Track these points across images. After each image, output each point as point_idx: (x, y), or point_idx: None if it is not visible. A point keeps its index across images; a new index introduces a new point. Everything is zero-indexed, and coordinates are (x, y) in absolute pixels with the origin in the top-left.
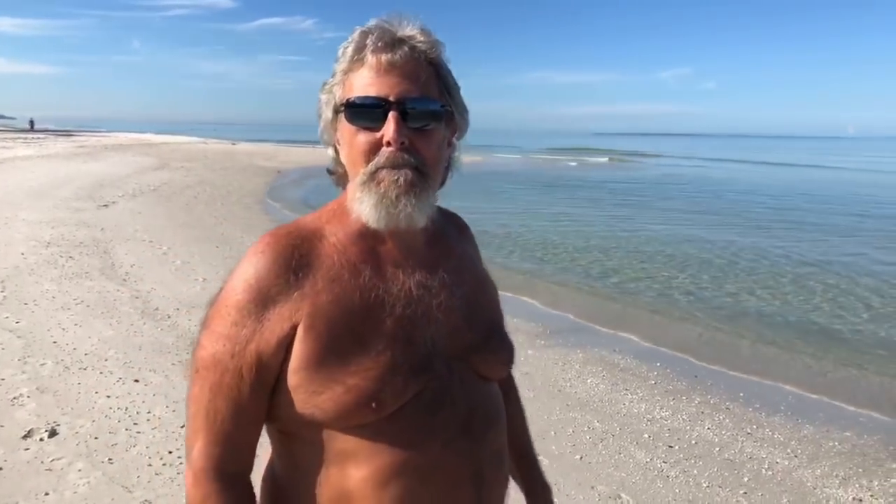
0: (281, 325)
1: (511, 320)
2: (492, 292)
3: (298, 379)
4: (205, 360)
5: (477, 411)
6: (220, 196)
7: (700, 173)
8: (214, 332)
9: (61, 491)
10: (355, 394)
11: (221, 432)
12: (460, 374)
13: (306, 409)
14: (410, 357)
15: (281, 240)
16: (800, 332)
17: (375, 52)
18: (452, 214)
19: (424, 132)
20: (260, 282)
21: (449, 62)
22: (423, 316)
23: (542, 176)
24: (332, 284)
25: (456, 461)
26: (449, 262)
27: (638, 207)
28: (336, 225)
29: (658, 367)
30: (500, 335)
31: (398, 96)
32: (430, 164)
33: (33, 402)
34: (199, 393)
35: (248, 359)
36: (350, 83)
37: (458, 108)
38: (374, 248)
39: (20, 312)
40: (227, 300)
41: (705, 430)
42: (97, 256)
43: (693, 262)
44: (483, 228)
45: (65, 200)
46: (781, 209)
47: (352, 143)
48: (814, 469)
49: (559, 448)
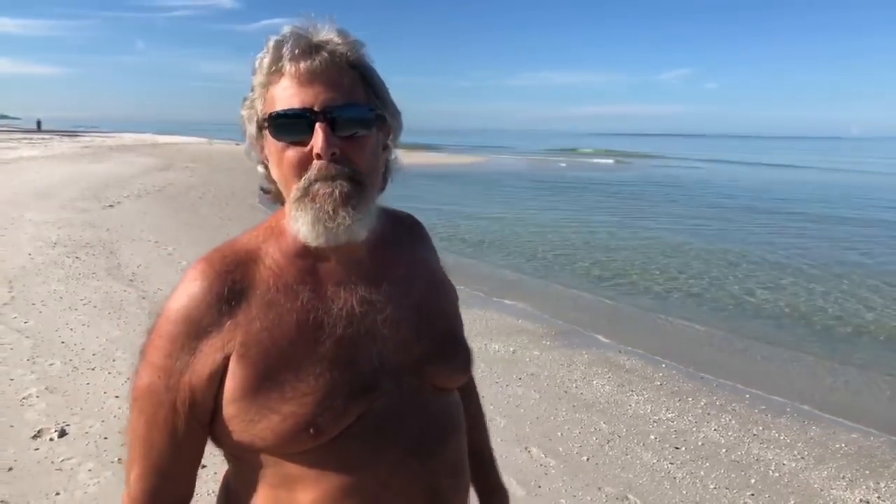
0: (213, 356)
1: (516, 321)
2: (448, 296)
3: (234, 409)
4: (141, 391)
5: (431, 426)
6: (225, 196)
7: (702, 175)
8: (149, 364)
9: (72, 490)
10: (292, 421)
11: (158, 463)
12: (412, 389)
13: (244, 437)
14: (351, 378)
15: (214, 265)
16: (805, 332)
17: (293, 60)
18: (402, 215)
19: (355, 140)
20: (191, 312)
21: (373, 62)
22: (367, 333)
23: (545, 177)
24: (267, 310)
25: (408, 479)
26: (396, 271)
27: (640, 209)
28: (273, 245)
29: (664, 368)
30: (455, 342)
31: (323, 105)
32: (366, 173)
33: (43, 402)
34: (135, 423)
35: (182, 392)
36: (271, 96)
37: (389, 109)
38: (314, 266)
39: (28, 313)
40: (161, 330)
41: (712, 431)
42: (103, 257)
43: (698, 263)
44: (483, 229)
45: (70, 201)
46: (787, 212)
47: (280, 160)
48: (821, 471)
49: (566, 449)
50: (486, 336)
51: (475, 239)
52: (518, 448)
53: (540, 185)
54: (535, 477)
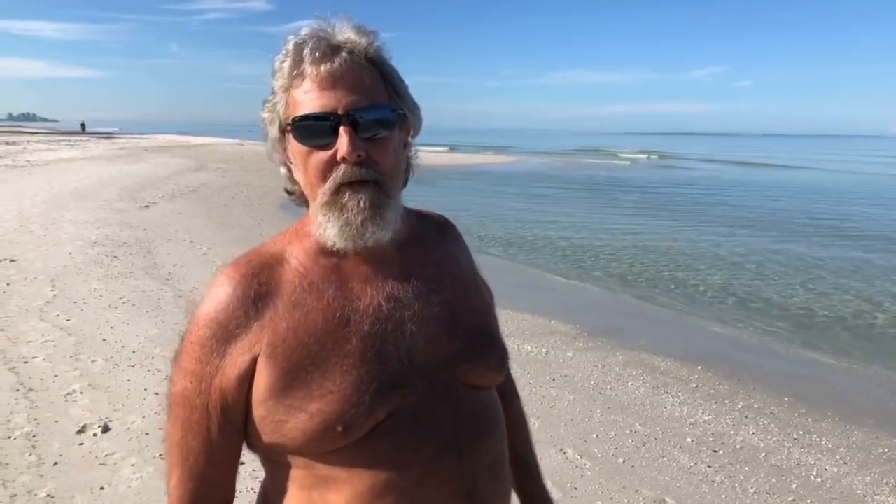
0: (241, 358)
1: (548, 322)
2: (481, 295)
3: (263, 410)
4: (175, 397)
5: (466, 424)
6: (257, 197)
7: (739, 176)
8: (182, 369)
9: (115, 485)
10: (320, 419)
11: (195, 469)
12: (444, 386)
13: (274, 438)
14: (380, 375)
15: (240, 270)
16: (847, 337)
17: (314, 63)
18: (432, 215)
19: (379, 141)
20: (219, 316)
21: (391, 58)
22: (395, 330)
23: (577, 177)
24: (293, 310)
25: (443, 478)
26: (425, 268)
27: (673, 210)
28: (297, 246)
29: (699, 370)
30: (490, 340)
31: (346, 108)
32: (390, 174)
33: (86, 398)
34: (171, 429)
35: (214, 396)
36: (293, 100)
37: (409, 106)
38: (339, 264)
39: (70, 311)
40: (192, 336)
41: (750, 434)
42: (140, 256)
43: (735, 265)
44: (514, 229)
45: (108, 201)
46: (830, 216)
47: (306, 165)
48: (864, 476)
49: (602, 451)
50: (519, 337)
51: (507, 239)
52: (553, 449)
53: (571, 186)
54: (571, 479)
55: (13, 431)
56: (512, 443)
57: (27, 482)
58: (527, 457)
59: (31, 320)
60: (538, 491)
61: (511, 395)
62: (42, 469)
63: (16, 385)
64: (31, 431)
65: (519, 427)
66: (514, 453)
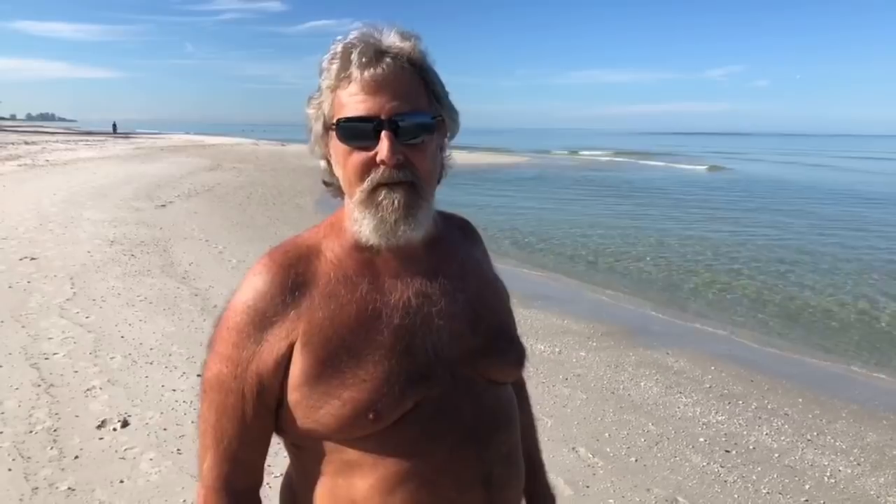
0: (278, 344)
1: (561, 322)
2: (500, 294)
3: (298, 396)
4: (210, 382)
5: (485, 416)
6: (272, 196)
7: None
8: (218, 354)
9: (135, 479)
10: (352, 406)
11: (228, 451)
12: (466, 380)
13: (307, 423)
14: (408, 366)
15: (277, 260)
16: (861, 338)
17: (361, 67)
18: (455, 217)
19: (417, 146)
20: (257, 303)
21: (434, 63)
22: (423, 324)
23: (594, 177)
24: (328, 300)
25: (463, 466)
26: (450, 267)
27: (688, 210)
28: (333, 240)
29: (713, 370)
30: (509, 338)
31: (389, 114)
32: (426, 178)
33: (105, 393)
34: (206, 413)
35: (250, 380)
36: (339, 101)
37: (448, 112)
38: (371, 259)
39: (89, 308)
40: (228, 322)
41: (763, 435)
42: (157, 255)
43: (748, 265)
44: (529, 228)
45: (125, 200)
46: (852, 218)
47: (346, 164)
48: (878, 477)
49: (614, 450)
50: (532, 336)
51: (521, 239)
52: (565, 448)
53: (586, 185)
54: (583, 477)
55: (35, 426)
56: (520, 441)
57: (49, 475)
58: (533, 454)
59: (51, 317)
60: (542, 488)
61: (522, 395)
62: (63, 462)
63: (37, 381)
64: (52, 426)
65: (527, 426)
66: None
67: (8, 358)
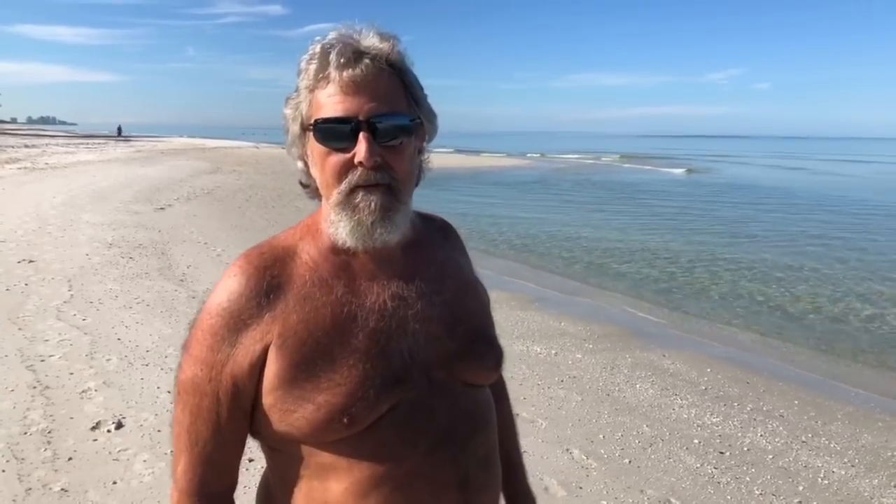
0: (253, 347)
1: (557, 324)
2: (479, 297)
3: (272, 399)
4: (185, 384)
5: (461, 419)
6: (271, 199)
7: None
8: (192, 357)
9: (128, 480)
10: (326, 410)
11: (203, 454)
12: (442, 383)
13: (282, 427)
14: (383, 370)
15: (253, 262)
16: (858, 341)
17: (339, 68)
18: (436, 218)
19: (395, 147)
20: (232, 305)
21: (413, 65)
22: (399, 328)
23: (595, 181)
24: (304, 303)
25: (438, 469)
26: (428, 269)
27: (685, 213)
28: (309, 241)
29: (708, 372)
30: (487, 341)
31: (367, 115)
32: (403, 180)
33: (101, 395)
34: (180, 415)
35: (224, 383)
36: (317, 101)
37: (426, 115)
38: (348, 262)
39: (87, 311)
40: (203, 324)
41: (758, 437)
42: (155, 257)
43: (742, 268)
44: (523, 232)
45: (124, 203)
46: (849, 223)
47: (323, 165)
48: (871, 479)
49: (608, 452)
50: (528, 338)
51: (517, 242)
52: (559, 449)
53: (585, 188)
54: (577, 479)
55: (29, 427)
56: (499, 441)
57: (42, 476)
58: (512, 455)
59: (48, 319)
60: (521, 488)
61: (501, 395)
62: (57, 464)
63: (33, 382)
64: (46, 427)
65: (506, 427)
66: (500, 452)
67: (4, 360)
